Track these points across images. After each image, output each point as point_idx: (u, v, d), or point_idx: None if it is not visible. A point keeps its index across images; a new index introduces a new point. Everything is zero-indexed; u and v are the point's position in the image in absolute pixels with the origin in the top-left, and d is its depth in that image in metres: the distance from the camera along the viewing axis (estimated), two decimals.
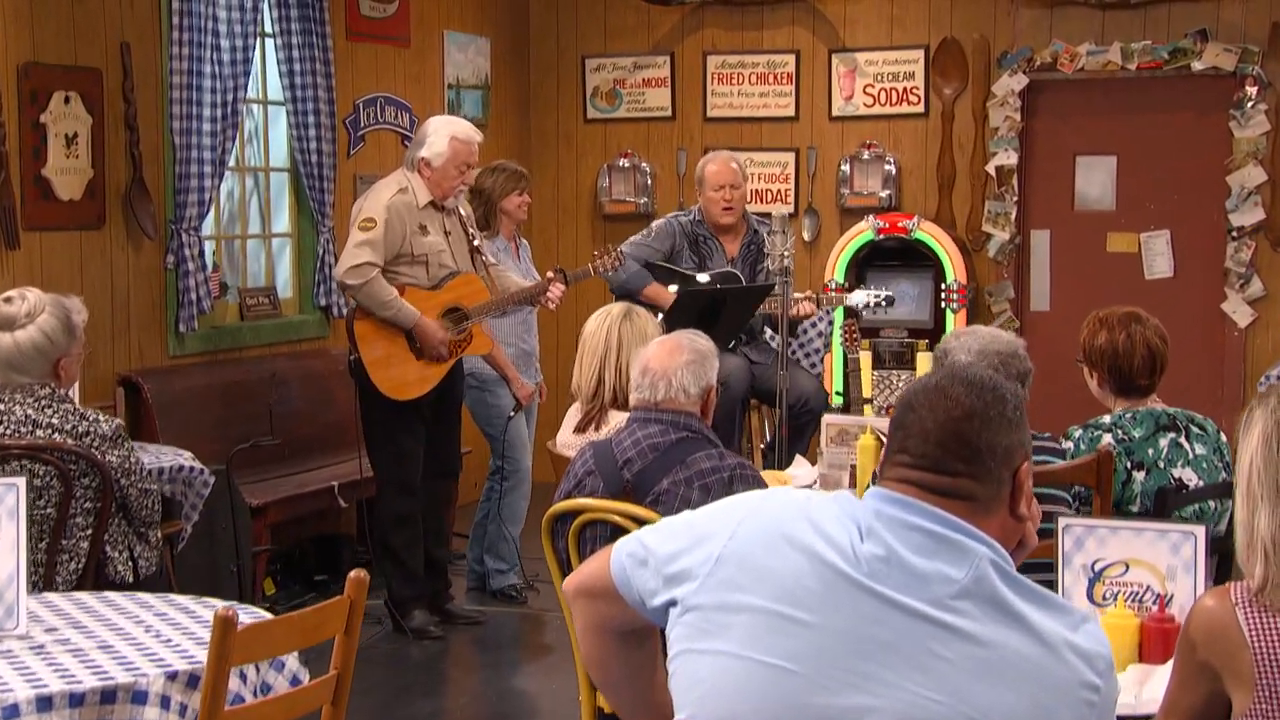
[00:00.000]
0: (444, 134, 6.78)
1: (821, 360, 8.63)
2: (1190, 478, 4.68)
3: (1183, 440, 4.70)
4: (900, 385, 8.89)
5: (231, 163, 7.78)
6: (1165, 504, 4.61)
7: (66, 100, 6.72)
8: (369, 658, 6.50)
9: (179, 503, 6.08)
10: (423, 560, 6.93)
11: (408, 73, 8.97)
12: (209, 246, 7.61)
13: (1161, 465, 4.66)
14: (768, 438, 7.72)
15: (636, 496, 4.28)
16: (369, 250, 6.56)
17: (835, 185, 9.55)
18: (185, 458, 6.01)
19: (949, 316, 8.90)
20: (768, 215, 6.98)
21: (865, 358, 8.72)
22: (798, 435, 7.51)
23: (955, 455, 2.40)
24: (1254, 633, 2.78)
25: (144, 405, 7.04)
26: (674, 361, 4.43)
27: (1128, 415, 4.76)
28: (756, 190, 9.66)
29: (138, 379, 7.06)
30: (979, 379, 2.47)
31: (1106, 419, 4.77)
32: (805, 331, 8.63)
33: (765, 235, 6.87)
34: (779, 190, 9.71)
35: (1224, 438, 4.83)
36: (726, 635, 2.37)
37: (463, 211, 6.97)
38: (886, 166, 9.43)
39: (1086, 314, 5.05)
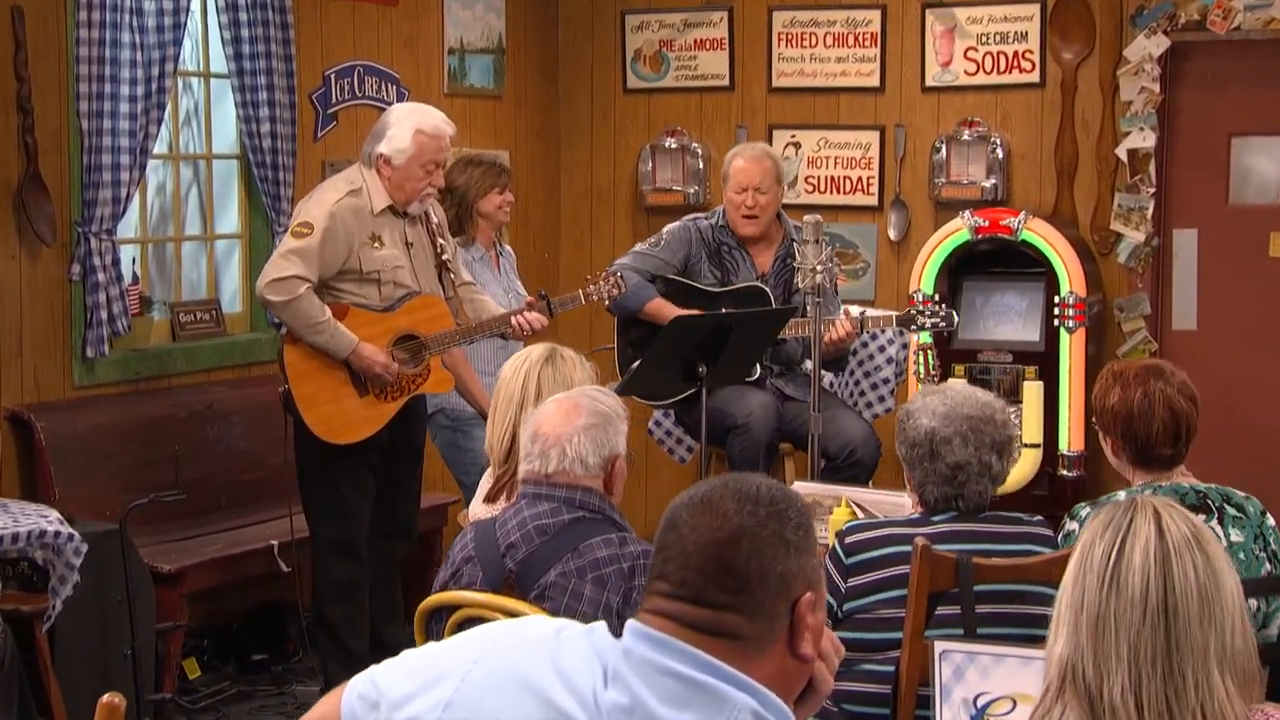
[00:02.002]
0: (407, 126, 6.75)
1: (893, 394, 8.38)
2: None
3: (1215, 524, 4.63)
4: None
5: (162, 150, 7.75)
6: None
7: None
8: None
9: (46, 572, 6.05)
10: (368, 640, 6.85)
11: (396, 35, 8.92)
12: (128, 253, 7.58)
13: None
14: None
15: (520, 589, 4.28)
16: (298, 261, 6.52)
17: (928, 173, 9.30)
18: (50, 520, 6.00)
19: (1063, 338, 8.63)
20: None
21: None
22: None
23: (719, 585, 2.45)
24: None
25: (36, 448, 7.01)
26: (570, 425, 4.42)
27: (1147, 492, 4.60)
28: (832, 179, 9.52)
29: (29, 415, 7.03)
30: (755, 491, 2.52)
31: (1121, 495, 4.68)
32: (872, 358, 8.39)
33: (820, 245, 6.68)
34: (859, 178, 9.54)
35: (1270, 520, 4.76)
36: None
37: (433, 219, 6.89)
38: (992, 150, 9.22)
39: (1243, 334, 4.97)
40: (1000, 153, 9.20)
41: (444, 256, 6.90)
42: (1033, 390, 8.61)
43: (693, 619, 2.44)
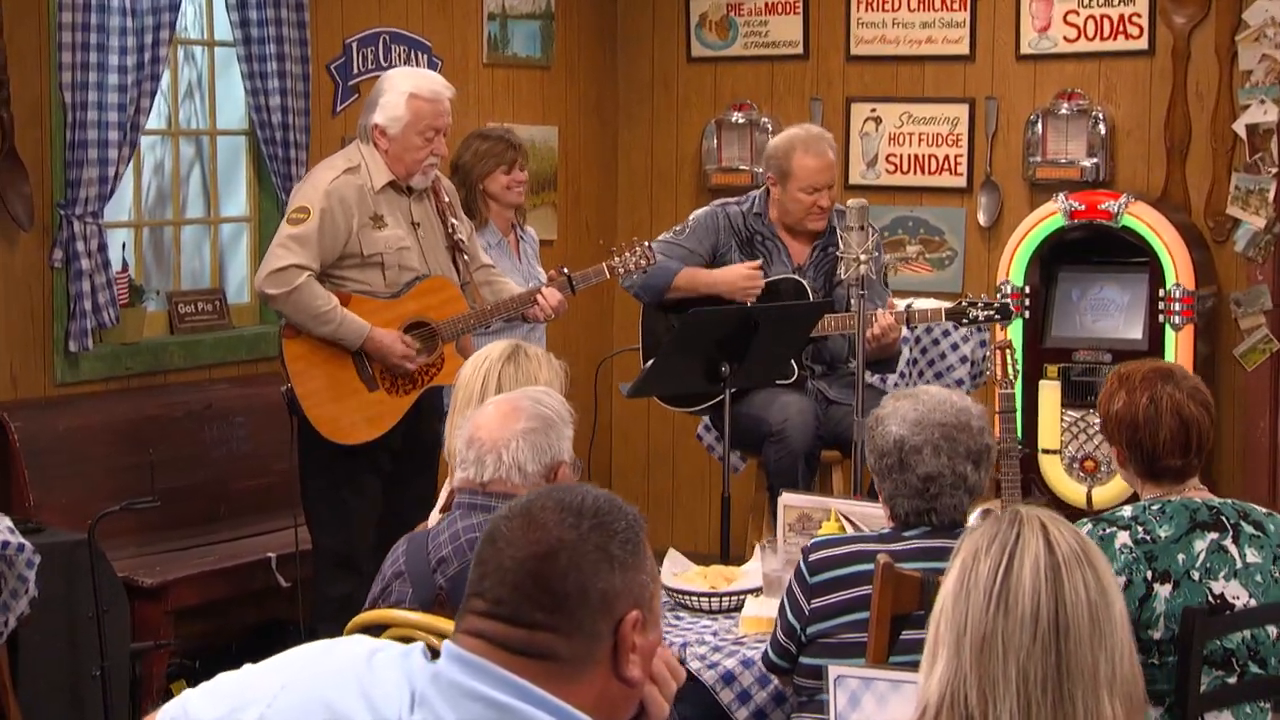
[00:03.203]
0: (401, 91, 6.89)
1: (969, 395, 8.37)
2: (1237, 594, 4.64)
3: (1228, 544, 4.66)
4: (1097, 430, 8.62)
5: (159, 124, 7.89)
6: (1194, 629, 4.55)
7: None
8: None
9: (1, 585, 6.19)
10: None
11: (427, 0, 8.97)
12: (119, 237, 7.75)
13: (1196, 577, 4.62)
14: None
15: (451, 606, 4.31)
16: (296, 249, 6.66)
17: (1023, 151, 9.32)
18: (2, 527, 6.11)
19: (1169, 335, 8.59)
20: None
21: (1051, 392, 8.48)
22: None
23: (534, 603, 2.53)
24: None
25: (10, 450, 7.19)
26: (507, 430, 4.53)
27: (1154, 507, 4.73)
28: (916, 157, 9.57)
29: (2, 415, 7.20)
30: (579, 502, 2.60)
31: (1126, 511, 4.73)
32: (944, 357, 8.41)
33: (839, 232, 6.75)
34: (946, 157, 9.57)
35: None
36: None
37: (444, 196, 7.01)
38: (1094, 125, 9.19)
39: None
40: (1103, 129, 9.17)
41: (456, 236, 7.00)
42: None
43: (506, 639, 2.51)
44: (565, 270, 7.15)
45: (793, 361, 7.35)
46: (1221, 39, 9.03)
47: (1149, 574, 4.59)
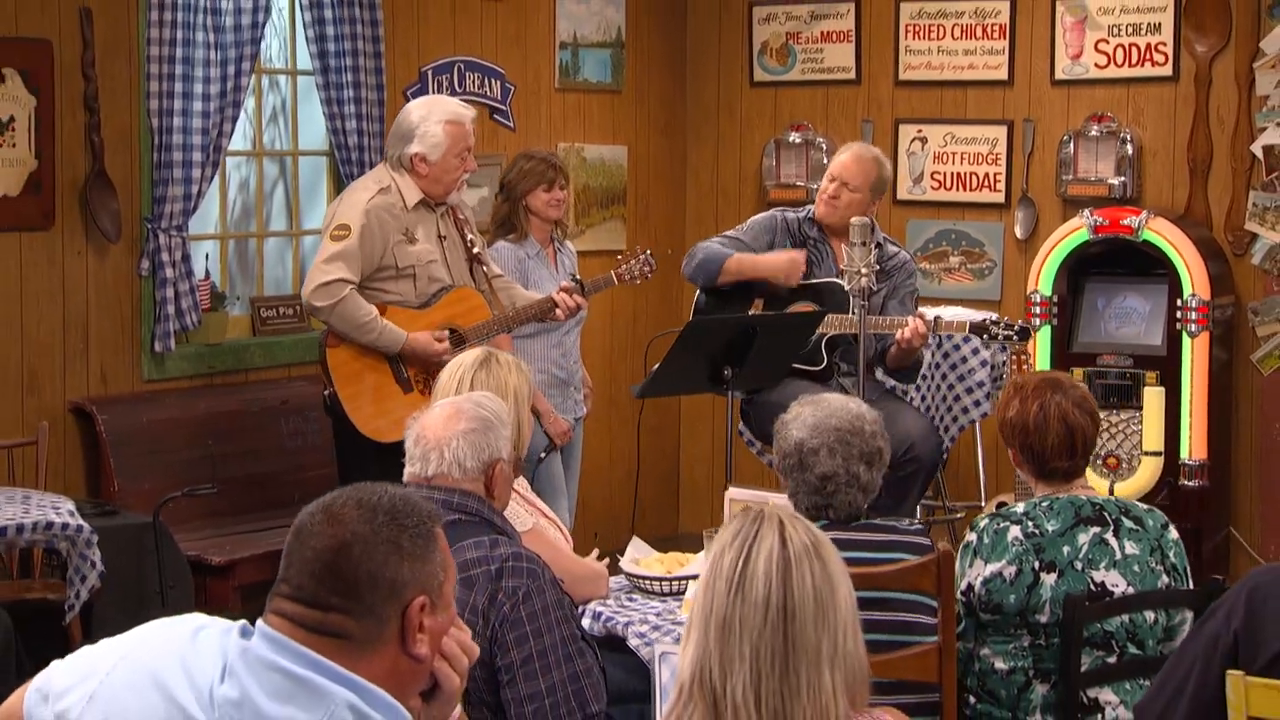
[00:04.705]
0: (435, 120, 7.04)
1: (989, 398, 8.48)
2: (1116, 582, 4.80)
3: (1109, 537, 4.82)
4: (1120, 429, 8.70)
5: (244, 146, 8.15)
6: (1075, 614, 4.71)
7: (0, 78, 7.18)
8: None
9: (68, 562, 6.46)
10: None
11: (501, 31, 9.25)
12: (205, 248, 8.02)
13: (1079, 566, 4.79)
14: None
15: None
16: (341, 265, 6.85)
17: (1056, 169, 9.37)
18: (61, 511, 6.38)
19: (1185, 341, 8.62)
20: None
21: None
22: (900, 493, 7.48)
23: (330, 588, 2.72)
24: None
25: (98, 441, 7.47)
26: (449, 430, 4.62)
27: (1044, 504, 4.88)
28: (958, 175, 9.64)
29: (90, 408, 7.48)
30: (376, 500, 2.80)
31: (1019, 508, 4.91)
32: (965, 360, 8.50)
33: (868, 247, 6.88)
34: (986, 174, 9.63)
35: (1172, 533, 4.92)
36: None
37: (461, 214, 7.23)
38: (1122, 145, 9.21)
39: None
40: (1131, 149, 9.18)
41: (475, 249, 7.18)
42: (1153, 396, 8.60)
43: (304, 619, 2.71)
44: (575, 277, 7.39)
45: (822, 350, 7.51)
46: (1240, 66, 9.03)
47: (1036, 564, 4.75)
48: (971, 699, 4.88)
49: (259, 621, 2.75)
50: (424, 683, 2.84)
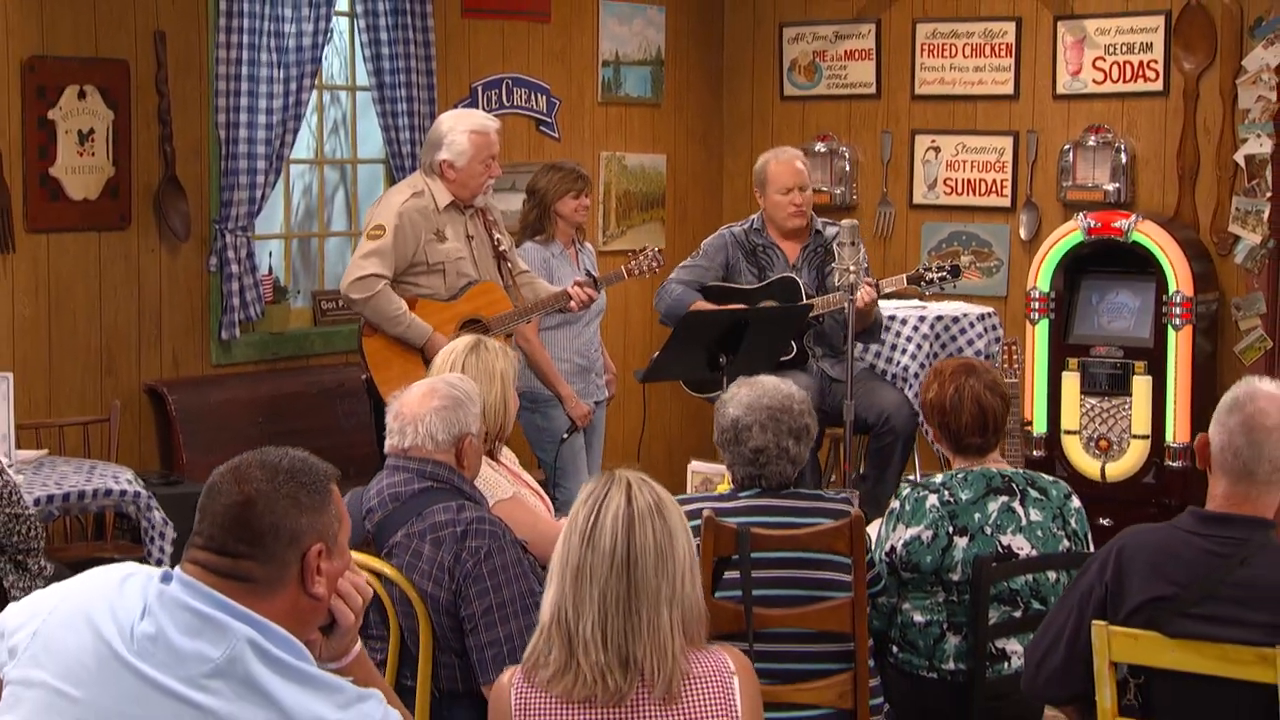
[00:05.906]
0: (461, 130, 7.38)
1: None
2: (1021, 545, 5.06)
3: (1016, 505, 5.08)
4: (1112, 414, 8.96)
5: (307, 155, 8.58)
6: (983, 573, 4.98)
7: (81, 95, 7.64)
8: None
9: (138, 525, 6.87)
10: None
11: (547, 49, 9.59)
12: (268, 247, 8.45)
13: (989, 531, 5.05)
14: (861, 468, 8.00)
15: (376, 547, 4.78)
16: (376, 260, 7.20)
17: (1057, 176, 9.64)
18: (120, 480, 6.75)
19: (1170, 334, 8.86)
20: (836, 221, 7.33)
21: (1072, 382, 8.89)
22: (880, 462, 7.77)
23: (237, 538, 2.98)
24: (519, 710, 3.52)
25: (169, 419, 7.91)
26: (424, 407, 4.91)
27: (959, 476, 5.15)
28: (968, 181, 9.91)
29: (162, 389, 7.93)
30: (280, 461, 3.09)
31: (938, 478, 5.18)
32: (961, 351, 8.79)
33: (833, 241, 7.20)
34: (994, 181, 9.89)
35: (1075, 502, 5.17)
36: (17, 710, 2.94)
37: (490, 215, 7.56)
38: (1117, 154, 9.47)
39: None
40: (1125, 158, 9.44)
41: (501, 248, 7.50)
42: (1141, 384, 8.86)
43: (215, 566, 2.97)
44: (590, 273, 7.77)
45: (792, 342, 7.77)
46: (1225, 82, 9.25)
47: (950, 529, 5.05)
48: (894, 648, 5.15)
49: (176, 568, 2.99)
50: (322, 618, 3.13)
